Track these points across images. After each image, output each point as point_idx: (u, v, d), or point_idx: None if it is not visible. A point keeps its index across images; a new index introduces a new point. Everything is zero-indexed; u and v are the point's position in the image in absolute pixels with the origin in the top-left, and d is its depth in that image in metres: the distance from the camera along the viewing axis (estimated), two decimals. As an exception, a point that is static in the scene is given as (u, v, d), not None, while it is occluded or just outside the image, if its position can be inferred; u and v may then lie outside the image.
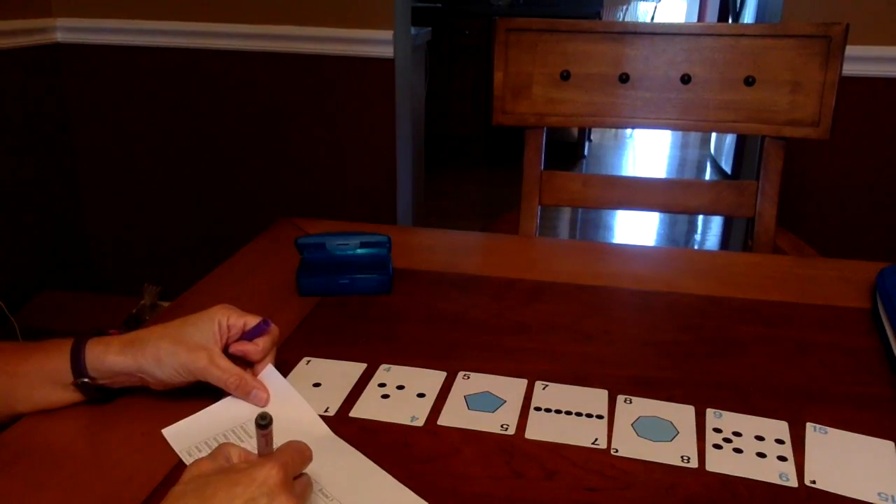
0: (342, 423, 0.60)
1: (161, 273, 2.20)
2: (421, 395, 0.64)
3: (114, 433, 0.59)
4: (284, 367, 0.67)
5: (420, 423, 0.60)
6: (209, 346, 0.60)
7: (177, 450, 0.56)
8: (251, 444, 0.53)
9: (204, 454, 0.49)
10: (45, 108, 2.03)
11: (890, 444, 0.58)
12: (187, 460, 0.55)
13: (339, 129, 2.00)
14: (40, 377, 0.59)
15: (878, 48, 1.68)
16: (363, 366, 0.68)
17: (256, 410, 0.59)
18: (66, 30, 2.02)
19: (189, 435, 0.58)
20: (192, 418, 0.60)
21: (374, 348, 0.71)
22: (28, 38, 1.94)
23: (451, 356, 0.70)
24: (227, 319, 0.62)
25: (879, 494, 0.52)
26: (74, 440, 0.58)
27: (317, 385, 0.65)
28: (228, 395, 0.61)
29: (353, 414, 0.61)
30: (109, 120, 2.09)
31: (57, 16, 2.01)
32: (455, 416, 0.61)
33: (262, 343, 0.63)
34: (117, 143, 2.11)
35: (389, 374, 0.67)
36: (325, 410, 0.61)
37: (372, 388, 0.65)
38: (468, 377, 0.66)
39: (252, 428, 0.56)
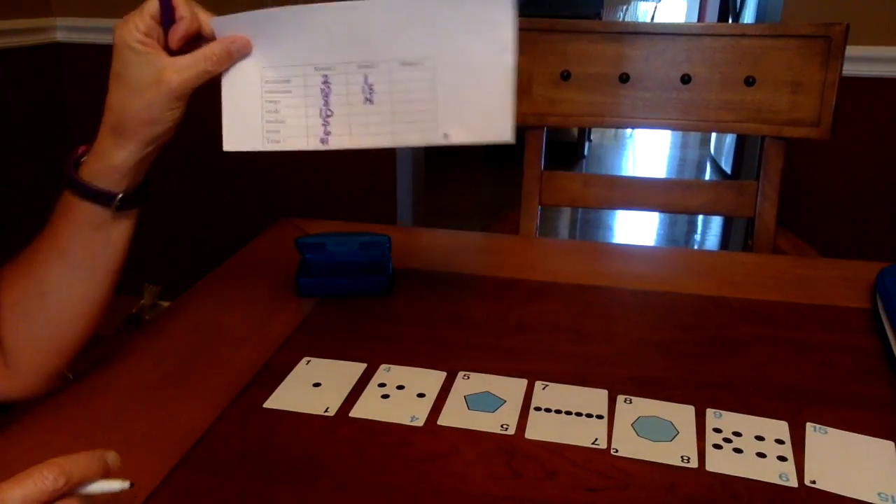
0: (342, 423, 0.60)
1: (161, 273, 2.20)
2: (421, 395, 0.64)
3: (114, 433, 0.59)
4: (284, 367, 0.67)
5: (420, 423, 0.60)
6: (159, 64, 0.56)
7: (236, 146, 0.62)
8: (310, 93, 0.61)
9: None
10: (45, 108, 2.03)
11: (890, 444, 0.58)
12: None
13: (339, 129, 1.99)
14: (87, 238, 0.58)
15: (878, 48, 1.68)
16: (363, 366, 0.68)
17: (262, 60, 0.60)
18: (67, 29, 2.02)
19: (245, 125, 0.62)
20: (229, 116, 0.62)
21: (374, 348, 0.71)
22: (28, 37, 1.94)
23: (451, 356, 0.70)
24: (137, 31, 0.57)
25: (879, 494, 0.52)
26: (74, 440, 0.58)
27: (317, 385, 0.65)
28: (224, 77, 0.61)
29: (353, 414, 0.61)
30: (109, 120, 2.09)
31: (57, 15, 2.01)
32: (455, 416, 0.61)
33: (181, 10, 0.58)
34: (117, 143, 2.11)
35: (389, 374, 0.67)
36: (325, 410, 0.61)
37: (372, 388, 0.65)
38: (468, 377, 0.66)
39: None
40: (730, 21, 3.57)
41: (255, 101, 0.61)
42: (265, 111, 0.61)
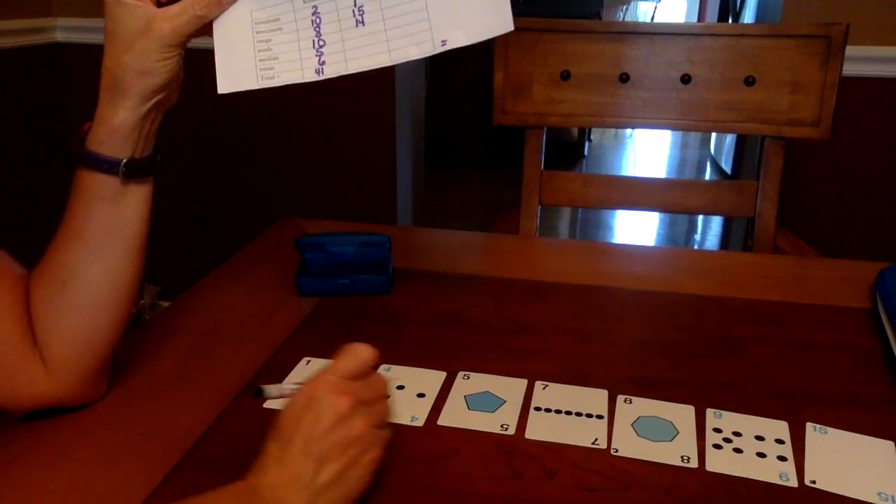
0: (342, 423, 0.60)
1: (161, 273, 2.20)
2: (421, 395, 0.64)
3: (113, 433, 0.59)
4: (284, 368, 0.67)
5: (420, 423, 0.60)
6: (148, 14, 0.56)
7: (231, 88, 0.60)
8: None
9: None
10: (45, 108, 2.03)
11: (890, 444, 0.58)
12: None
13: (339, 129, 1.99)
14: (101, 213, 0.59)
15: (878, 48, 1.68)
16: (363, 366, 0.68)
17: (251, 3, 0.59)
18: (66, 29, 2.01)
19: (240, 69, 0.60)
20: (222, 60, 0.60)
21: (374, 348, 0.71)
22: (28, 37, 1.94)
23: (451, 356, 0.70)
24: None
25: (879, 494, 0.52)
26: (74, 440, 0.58)
27: (317, 385, 0.65)
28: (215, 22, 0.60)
29: (353, 414, 0.61)
30: (109, 120, 2.09)
31: (57, 15, 2.01)
32: (455, 416, 0.61)
33: None
34: (117, 143, 2.11)
35: (389, 374, 0.67)
36: (325, 410, 0.61)
37: (372, 388, 0.64)
38: (468, 377, 0.66)
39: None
40: (730, 21, 3.57)
41: (247, 42, 0.61)
42: (258, 50, 0.60)
